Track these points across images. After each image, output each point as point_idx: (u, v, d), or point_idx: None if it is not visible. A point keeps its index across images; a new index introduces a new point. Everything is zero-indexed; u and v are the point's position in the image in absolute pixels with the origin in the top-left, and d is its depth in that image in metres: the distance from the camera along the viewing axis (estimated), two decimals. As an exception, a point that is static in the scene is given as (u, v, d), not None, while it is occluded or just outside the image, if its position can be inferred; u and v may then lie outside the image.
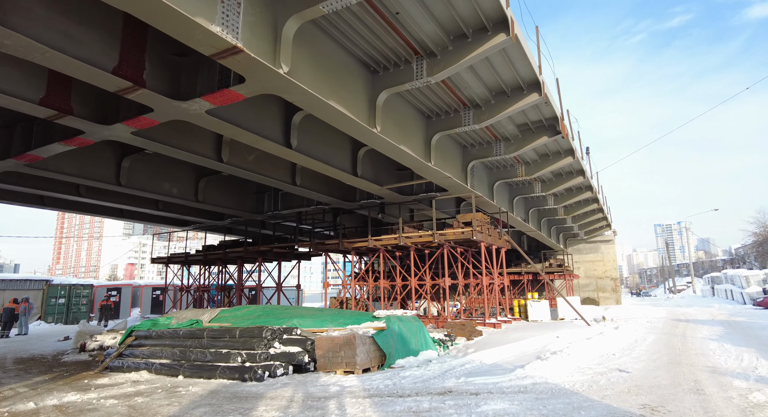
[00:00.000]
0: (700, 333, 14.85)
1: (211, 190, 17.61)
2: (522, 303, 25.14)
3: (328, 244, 17.00)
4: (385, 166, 15.12)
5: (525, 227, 22.91)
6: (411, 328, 10.04)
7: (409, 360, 9.44)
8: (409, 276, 15.84)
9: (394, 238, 15.44)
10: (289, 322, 10.15)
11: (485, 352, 10.23)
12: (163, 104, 8.29)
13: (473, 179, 15.84)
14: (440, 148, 13.47)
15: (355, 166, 13.65)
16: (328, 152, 12.54)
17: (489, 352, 10.16)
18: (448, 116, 12.39)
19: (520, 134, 14.28)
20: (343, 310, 11.69)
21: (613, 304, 32.03)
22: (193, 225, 21.74)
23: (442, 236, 14.58)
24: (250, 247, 19.56)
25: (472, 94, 11.48)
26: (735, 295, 35.10)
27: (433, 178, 13.55)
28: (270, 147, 10.85)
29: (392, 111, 10.95)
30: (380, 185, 14.80)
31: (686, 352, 10.40)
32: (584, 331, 13.74)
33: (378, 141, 10.45)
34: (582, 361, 8.83)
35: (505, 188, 19.97)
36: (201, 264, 22.62)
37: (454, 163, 14.52)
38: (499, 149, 14.57)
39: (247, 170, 13.42)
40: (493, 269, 15.59)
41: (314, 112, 9.11)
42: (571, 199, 21.79)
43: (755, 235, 65.60)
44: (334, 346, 8.62)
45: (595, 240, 33.70)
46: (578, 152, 17.12)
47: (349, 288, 17.65)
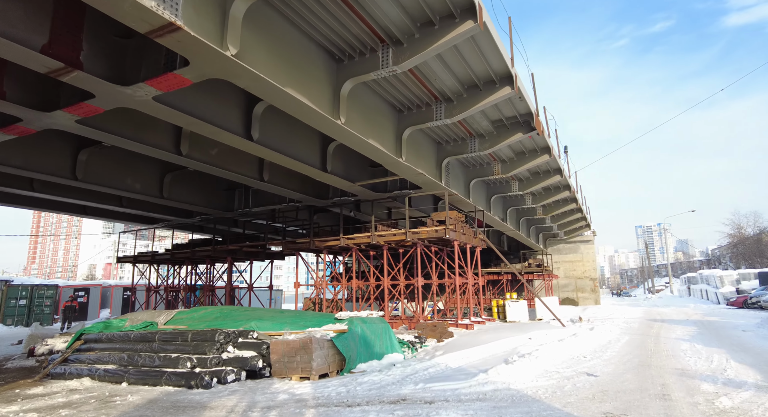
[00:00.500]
0: (674, 333, 14.75)
1: (177, 186, 16.87)
2: (500, 303, 24.96)
3: (299, 242, 16.42)
4: (357, 162, 14.63)
5: (503, 226, 22.68)
6: (375, 330, 9.57)
7: (372, 364, 8.97)
8: (382, 276, 15.38)
9: (366, 237, 14.96)
10: (247, 324, 9.58)
11: (452, 354, 9.83)
12: (105, 89, 7.65)
13: (448, 177, 15.46)
14: (413, 143, 13.04)
15: (324, 161, 13.13)
16: (294, 146, 11.99)
17: (456, 355, 9.76)
18: (420, 110, 11.97)
19: (494, 130, 13.95)
20: (305, 312, 11.16)
21: (592, 305, 32.14)
22: (162, 223, 20.89)
23: (415, 235, 14.17)
24: (219, 245, 18.84)
25: (443, 87, 11.08)
26: (710, 295, 35.63)
27: (405, 174, 13.13)
28: (229, 139, 10.26)
29: (359, 102, 10.48)
30: (352, 182, 14.31)
31: (658, 353, 10.17)
32: (558, 332, 13.48)
33: (343, 134, 9.96)
34: (550, 364, 8.48)
35: (482, 187, 19.68)
36: (169, 263, 21.76)
37: (428, 160, 14.12)
38: (474, 146, 14.22)
39: (209, 165, 12.78)
40: (468, 269, 15.24)
41: (271, 100, 8.57)
42: (550, 199, 21.64)
43: (730, 237, 66.97)
44: (290, 350, 8.10)
45: (575, 240, 33.79)
46: (555, 150, 16.91)
47: (333, 288, 17.12)
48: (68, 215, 19.68)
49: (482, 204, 19.38)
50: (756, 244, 60.73)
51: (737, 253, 65.47)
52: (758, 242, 61.14)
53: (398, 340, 11.67)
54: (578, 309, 26.63)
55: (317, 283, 16.36)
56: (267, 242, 17.34)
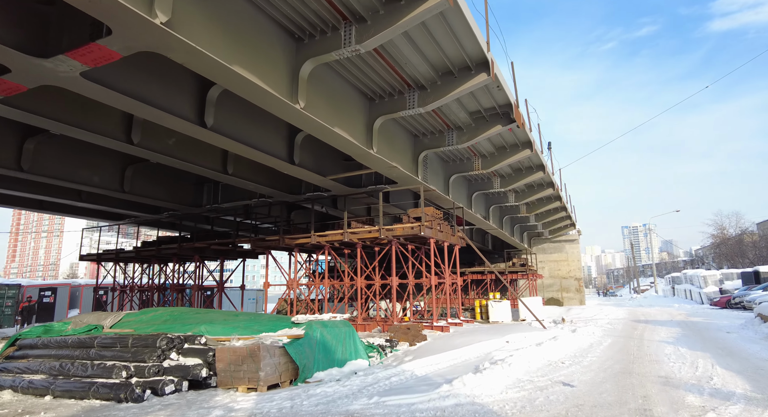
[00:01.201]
0: (658, 335, 14.24)
1: (140, 180, 15.85)
2: (483, 303, 24.37)
3: (269, 240, 15.54)
4: (329, 155, 13.80)
5: (485, 225, 22.05)
6: (337, 334, 8.77)
7: (332, 372, 8.18)
8: (356, 275, 14.58)
9: (339, 234, 14.15)
10: (196, 328, 8.72)
11: (421, 360, 9.08)
12: (23, 63, 6.73)
13: (426, 171, 14.73)
14: (386, 134, 12.27)
15: (291, 152, 12.29)
16: (256, 135, 11.13)
17: (425, 361, 9.01)
18: (392, 98, 11.20)
19: (473, 123, 13.25)
20: (262, 315, 10.31)
21: (577, 305, 31.76)
22: (128, 219, 19.80)
23: (390, 232, 13.41)
24: (185, 243, 17.85)
25: (415, 73, 10.32)
26: (694, 295, 35.55)
27: (377, 167, 12.35)
28: (179, 125, 9.38)
29: (323, 87, 9.66)
30: (323, 175, 13.49)
31: (640, 358, 9.56)
32: (538, 334, 12.84)
33: (303, 120, 9.14)
34: (524, 372, 7.78)
35: (463, 183, 19.01)
36: (135, 262, 20.65)
37: (403, 153, 13.36)
38: (452, 139, 13.50)
39: (167, 156, 11.87)
40: (445, 268, 14.54)
41: (219, 80, 7.74)
42: (533, 196, 21.07)
43: (713, 237, 67.59)
44: (236, 358, 7.26)
45: (560, 239, 33.40)
46: (537, 145, 16.29)
47: (308, 288, 16.26)
48: (25, 210, 18.40)
49: (463, 201, 18.71)
50: (738, 245, 61.32)
51: (720, 253, 66.09)
52: (740, 243, 61.76)
53: (367, 344, 10.94)
54: (562, 309, 26.15)
55: (289, 283, 15.51)
56: (235, 239, 16.44)
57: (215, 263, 20.38)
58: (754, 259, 53.32)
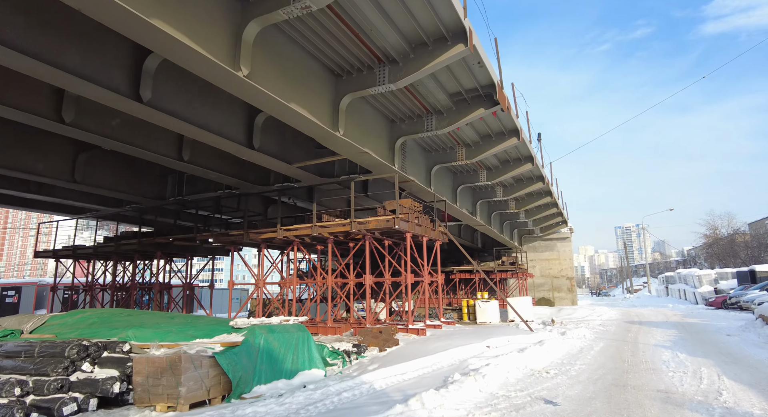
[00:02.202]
0: (653, 338, 13.18)
1: (95, 169, 14.51)
2: (471, 303, 23.28)
3: (233, 235, 14.29)
4: (298, 140, 12.56)
5: (472, 221, 20.92)
6: (287, 341, 7.56)
7: (277, 385, 6.97)
8: (327, 273, 13.36)
9: (307, 228, 12.93)
10: (123, 333, 7.45)
11: (387, 370, 7.89)
12: None
13: (404, 160, 13.55)
14: (356, 116, 11.07)
15: (250, 136, 11.05)
16: (208, 115, 9.88)
17: (390, 371, 7.83)
18: (361, 74, 9.99)
19: (453, 106, 12.09)
20: (202, 318, 9.07)
21: (569, 305, 30.76)
22: (89, 213, 18.43)
23: (362, 225, 12.21)
24: (145, 238, 16.52)
25: (384, 45, 9.13)
26: (688, 295, 34.69)
27: (345, 152, 11.14)
28: (109, 99, 8.12)
29: (274, 55, 8.42)
30: (289, 163, 12.26)
31: (635, 366, 8.44)
32: (524, 338, 11.71)
33: (248, 91, 7.90)
34: (500, 384, 6.62)
35: (447, 175, 17.85)
36: (94, 259, 19.27)
37: (378, 138, 12.17)
38: (431, 123, 12.33)
39: (110, 139, 10.59)
40: (424, 266, 13.38)
41: (142, 39, 6.49)
42: (522, 190, 19.96)
43: (705, 237, 67.19)
44: (155, 370, 6.02)
45: (551, 238, 32.37)
46: (524, 134, 15.17)
47: (279, 287, 15.07)
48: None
49: (447, 194, 17.56)
50: (730, 245, 60.93)
51: (712, 253, 65.70)
52: (732, 243, 61.35)
53: (332, 350, 9.76)
54: (553, 310, 25.11)
55: (257, 282, 14.26)
56: (197, 234, 15.15)
57: (221, 262, 19.07)
58: (746, 259, 52.83)
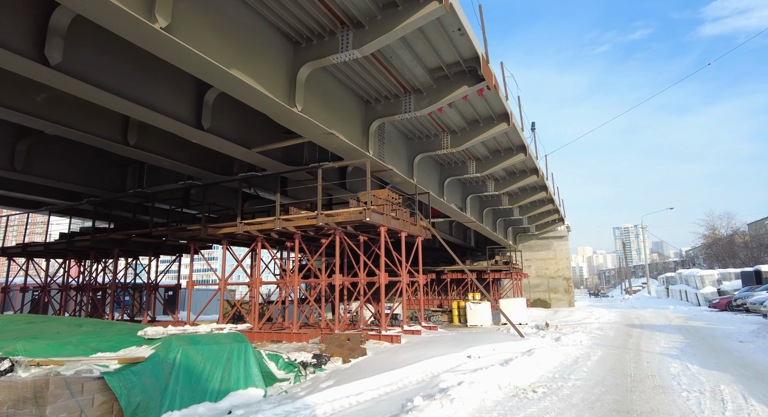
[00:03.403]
0: (658, 345, 11.84)
1: (39, 158, 13.12)
2: (462, 305, 22.01)
3: (190, 230, 12.90)
4: (259, 122, 11.19)
5: (462, 217, 19.55)
6: (215, 355, 6.17)
7: (197, 411, 5.59)
8: (291, 272, 11.99)
9: (270, 222, 11.55)
10: (10, 346, 6.05)
11: (341, 388, 6.52)
12: None
13: (381, 147, 12.19)
14: (319, 91, 9.70)
15: (199, 115, 9.66)
16: (139, 86, 8.49)
17: (345, 390, 6.45)
18: (321, 40, 8.61)
19: (434, 84, 10.72)
20: (116, 325, 7.64)
21: (566, 307, 29.42)
22: (45, 207, 17.00)
23: (330, 218, 10.83)
24: (99, 234, 15.10)
25: (347, 3, 7.77)
26: (689, 297, 33.41)
27: (306, 133, 9.74)
28: (10, 61, 6.72)
29: (206, 8, 7.02)
30: (248, 148, 10.88)
31: (641, 382, 7.09)
32: (511, 345, 10.34)
33: (168, 49, 6.51)
34: (473, 410, 5.26)
35: (433, 166, 16.47)
36: (46, 256, 17.81)
37: (349, 120, 10.80)
38: (409, 104, 10.97)
39: (35, 117, 9.19)
40: (403, 263, 12.01)
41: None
42: (515, 184, 18.60)
43: (704, 238, 66.21)
44: (17, 399, 4.63)
45: (548, 236, 31.01)
46: (516, 120, 13.82)
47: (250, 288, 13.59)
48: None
49: (433, 187, 16.20)
50: (729, 245, 60.03)
51: (711, 254, 64.73)
52: (731, 243, 60.39)
53: (287, 362, 8.40)
54: (549, 312, 23.77)
55: (221, 282, 12.87)
56: (152, 229, 13.75)
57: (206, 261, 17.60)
58: (746, 260, 51.79)
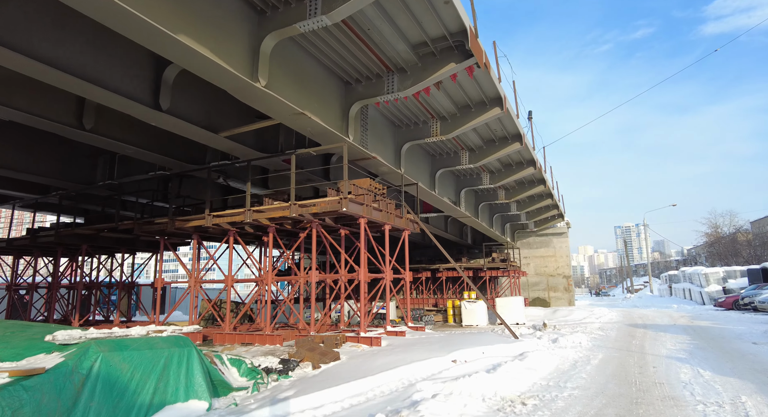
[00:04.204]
0: (664, 347, 10.91)
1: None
2: (457, 304, 21.13)
3: (157, 223, 11.97)
4: (229, 105, 10.27)
5: (455, 211, 18.61)
6: (148, 362, 5.24)
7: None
8: (263, 269, 11.06)
9: (240, 214, 10.63)
10: None
11: (301, 400, 5.61)
12: None
13: (364, 133, 11.26)
14: (288, 66, 8.76)
15: (157, 94, 8.74)
16: (95, 63, 7.59)
17: (305, 402, 5.54)
18: (288, 7, 7.66)
19: (418, 61, 9.78)
20: (32, 327, 6.70)
21: (566, 306, 28.48)
22: (14, 201, 16.08)
23: (304, 208, 9.89)
24: (64, 230, 14.17)
25: (312, -39, 6.84)
26: (694, 295, 32.43)
27: (274, 112, 8.80)
28: None
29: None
30: (215, 132, 9.96)
31: (647, 392, 6.16)
32: (504, 348, 9.40)
33: (105, 10, 5.58)
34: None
35: (423, 156, 15.53)
36: (8, 253, 16.84)
37: (325, 101, 9.86)
38: (392, 84, 10.03)
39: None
40: (386, 260, 11.06)
41: None
42: (511, 177, 17.65)
43: (707, 236, 65.33)
44: None
45: (547, 233, 30.04)
46: (511, 106, 12.88)
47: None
48: None
49: (424, 179, 15.26)
50: (732, 244, 59.26)
51: (713, 252, 63.89)
52: (734, 241, 59.57)
53: (251, 367, 7.51)
54: (548, 311, 22.82)
55: (192, 279, 11.95)
56: (118, 223, 12.84)
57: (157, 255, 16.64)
58: (749, 258, 50.88)
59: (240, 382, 7.47)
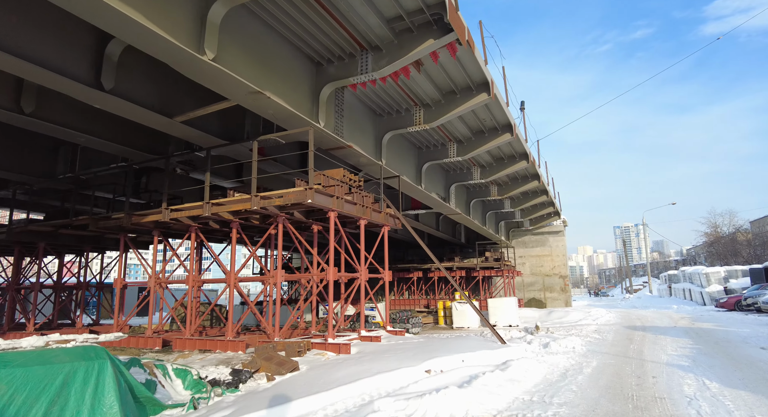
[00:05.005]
0: (664, 352, 10.01)
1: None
2: (448, 305, 20.30)
3: (114, 218, 11.03)
4: (188, 88, 9.34)
5: (444, 208, 17.69)
6: (36, 382, 4.31)
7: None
8: (231, 267, 10.10)
9: (198, 207, 9.69)
10: None
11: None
12: None
13: (339, 119, 10.34)
14: (243, 39, 7.84)
15: (98, 72, 7.81)
16: (29, 37, 6.67)
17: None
18: (238, -30, 6.76)
19: (394, 38, 8.86)
20: None
21: (562, 306, 27.56)
22: (-26, 197, 15.12)
23: (267, 201, 8.96)
24: (16, 226, 13.21)
25: None
26: (694, 295, 31.55)
27: (227, 91, 7.84)
28: None
29: None
30: (169, 117, 9.03)
31: (647, 410, 5.26)
32: (486, 355, 8.48)
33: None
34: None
35: (408, 148, 14.58)
36: None
37: (292, 81, 8.94)
38: (366, 63, 9.11)
39: None
40: (361, 257, 10.11)
41: None
42: (503, 171, 16.72)
43: (706, 236, 64.61)
44: None
45: (543, 231, 29.11)
46: (500, 92, 11.98)
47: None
48: None
49: (409, 173, 14.34)
50: (731, 243, 58.62)
51: (713, 252, 63.18)
52: (733, 241, 58.92)
53: (197, 379, 6.62)
54: (542, 312, 21.91)
55: (149, 281, 11.00)
56: (72, 219, 11.90)
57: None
58: (749, 258, 50.15)
59: (182, 396, 6.57)
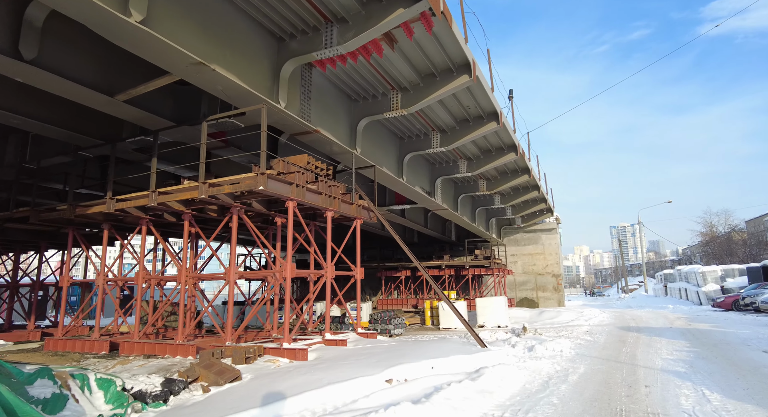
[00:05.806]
0: (659, 356, 9.17)
1: None
2: (435, 305, 19.51)
3: (58, 210, 10.08)
4: (135, 64, 8.40)
5: (430, 203, 16.80)
6: None
7: None
8: (181, 261, 9.14)
9: (143, 197, 8.76)
10: None
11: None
12: None
13: (305, 101, 9.43)
14: (191, 8, 6.92)
15: (16, 38, 6.86)
16: None
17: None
18: None
19: (361, 8, 7.95)
20: None
21: (555, 306, 26.75)
22: None
23: (215, 188, 8.04)
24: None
25: None
26: (690, 295, 30.82)
27: (161, 59, 6.88)
28: None
29: None
30: (109, 95, 8.09)
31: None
32: (460, 360, 7.59)
33: None
34: None
35: (387, 137, 13.67)
36: None
37: (247, 54, 8.02)
38: (330, 36, 8.21)
39: None
40: (327, 252, 9.20)
41: None
42: (490, 164, 15.83)
43: (702, 235, 64.26)
44: None
45: (535, 229, 28.27)
46: (483, 75, 11.11)
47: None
48: None
49: (390, 164, 13.43)
50: (727, 243, 58.32)
51: (708, 252, 62.80)
52: (729, 241, 58.61)
53: (120, 390, 5.75)
54: (534, 312, 21.07)
55: (98, 279, 10.04)
56: (13, 211, 10.94)
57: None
58: (744, 257, 49.75)
59: (101, 411, 5.66)
